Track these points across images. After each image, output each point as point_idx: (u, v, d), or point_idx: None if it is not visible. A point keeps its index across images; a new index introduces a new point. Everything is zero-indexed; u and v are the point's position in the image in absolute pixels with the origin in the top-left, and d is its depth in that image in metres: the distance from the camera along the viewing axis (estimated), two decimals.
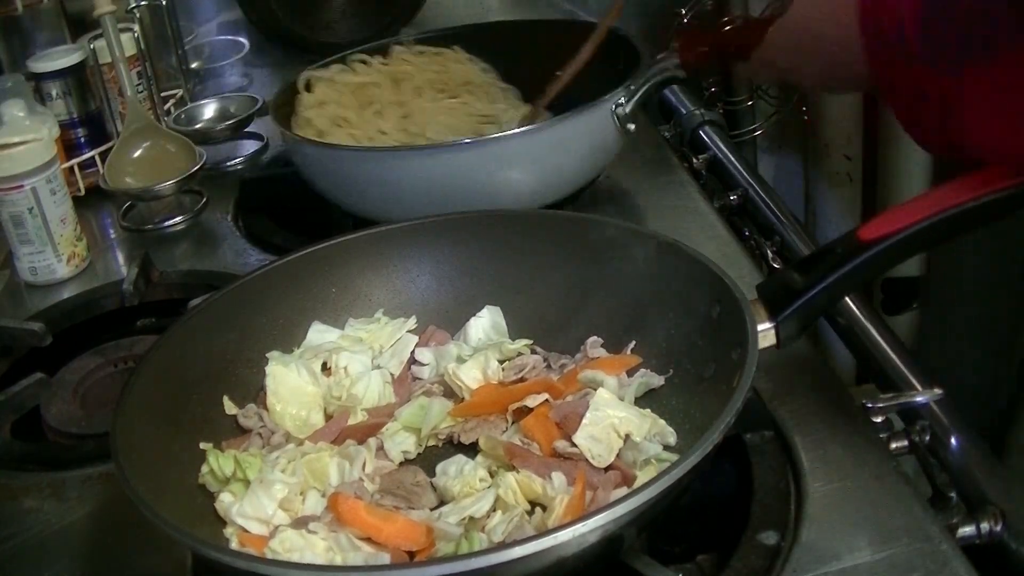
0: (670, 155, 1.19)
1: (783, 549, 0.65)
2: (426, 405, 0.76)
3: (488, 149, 0.96)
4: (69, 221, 1.08)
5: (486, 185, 0.97)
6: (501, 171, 0.97)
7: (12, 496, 0.79)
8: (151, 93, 1.27)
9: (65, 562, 0.72)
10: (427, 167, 0.96)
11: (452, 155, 0.97)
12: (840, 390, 0.79)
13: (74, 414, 0.87)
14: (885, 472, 0.71)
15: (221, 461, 0.70)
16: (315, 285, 0.84)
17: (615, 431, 0.70)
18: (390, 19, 1.55)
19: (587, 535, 0.54)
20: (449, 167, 0.96)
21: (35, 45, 1.26)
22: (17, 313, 1.04)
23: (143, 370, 0.71)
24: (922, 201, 0.67)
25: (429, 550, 0.64)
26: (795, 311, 0.68)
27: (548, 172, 1.00)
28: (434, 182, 0.96)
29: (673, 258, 0.76)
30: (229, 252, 1.11)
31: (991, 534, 0.70)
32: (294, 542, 0.63)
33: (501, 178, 0.97)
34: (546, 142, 0.97)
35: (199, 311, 0.78)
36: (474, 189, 0.96)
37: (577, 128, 0.98)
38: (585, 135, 1.00)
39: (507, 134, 0.98)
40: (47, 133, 1.04)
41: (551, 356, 0.81)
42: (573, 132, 0.98)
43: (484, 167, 0.96)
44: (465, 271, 0.85)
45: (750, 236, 1.12)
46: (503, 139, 0.97)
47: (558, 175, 1.01)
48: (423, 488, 0.70)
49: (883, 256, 0.67)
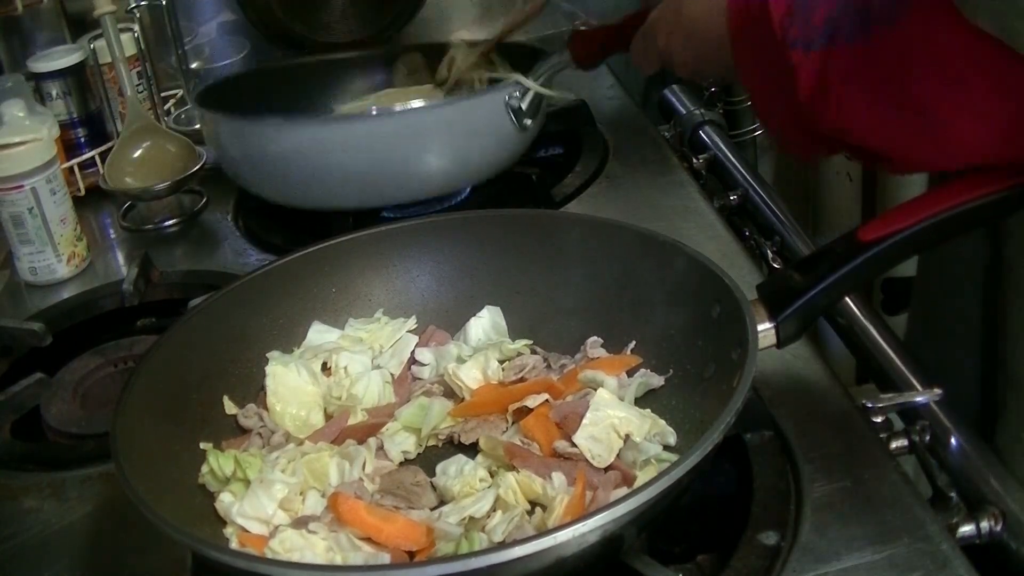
0: (670, 155, 1.19)
1: (783, 549, 0.65)
2: (426, 405, 0.76)
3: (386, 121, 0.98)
4: (69, 221, 1.08)
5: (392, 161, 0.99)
6: (399, 147, 0.98)
7: (12, 496, 0.79)
8: (151, 93, 1.27)
9: (65, 562, 0.72)
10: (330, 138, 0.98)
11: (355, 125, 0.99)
12: (840, 390, 0.79)
13: (74, 414, 0.87)
14: (885, 472, 0.71)
15: (221, 461, 0.70)
16: (315, 285, 0.84)
17: (615, 431, 0.70)
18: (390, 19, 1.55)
19: (587, 535, 0.54)
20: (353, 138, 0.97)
21: (35, 45, 1.26)
22: (17, 313, 1.04)
23: (143, 370, 0.71)
24: (922, 201, 0.67)
25: (429, 550, 0.64)
26: (795, 311, 0.68)
27: (447, 154, 1.01)
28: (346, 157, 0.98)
29: (673, 258, 0.76)
30: (229, 252, 1.11)
31: (991, 534, 0.70)
32: (294, 542, 0.63)
33: (401, 154, 0.99)
34: (440, 121, 0.99)
35: (199, 311, 0.78)
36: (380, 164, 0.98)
37: (470, 113, 1.00)
38: (479, 121, 1.01)
39: (401, 108, 1.00)
40: (47, 133, 1.04)
41: (551, 356, 0.81)
42: (466, 115, 1.00)
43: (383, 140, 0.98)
44: (465, 271, 0.85)
45: (750, 236, 1.12)
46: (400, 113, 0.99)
47: (458, 160, 1.02)
48: (423, 488, 0.70)
49: (883, 256, 0.66)
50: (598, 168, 1.17)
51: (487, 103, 1.00)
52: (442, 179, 1.01)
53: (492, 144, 1.04)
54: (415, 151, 1.00)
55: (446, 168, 1.02)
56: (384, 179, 0.99)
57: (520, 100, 1.00)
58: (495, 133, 1.02)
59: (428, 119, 0.99)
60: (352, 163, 0.98)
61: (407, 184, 1.01)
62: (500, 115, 1.01)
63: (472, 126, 1.01)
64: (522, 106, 1.00)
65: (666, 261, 0.76)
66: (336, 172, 0.99)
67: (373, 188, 1.00)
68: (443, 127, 0.99)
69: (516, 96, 1.00)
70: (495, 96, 1.01)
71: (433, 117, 0.99)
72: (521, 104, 1.00)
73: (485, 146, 1.03)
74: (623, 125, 1.26)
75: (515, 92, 1.01)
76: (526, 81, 1.00)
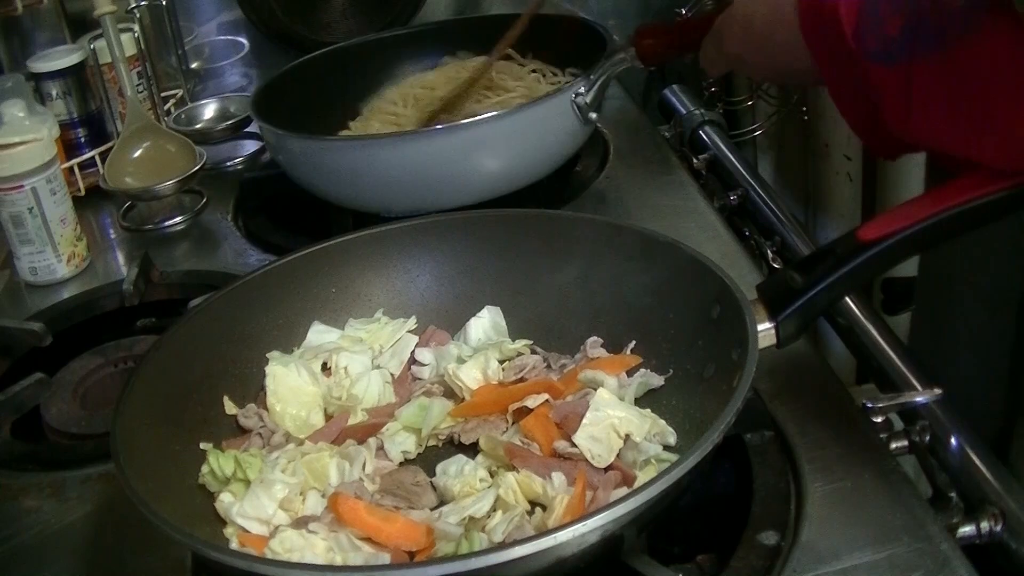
0: (670, 155, 1.19)
1: (783, 549, 0.65)
2: (426, 405, 0.76)
3: (455, 135, 0.99)
4: (69, 221, 1.08)
5: (459, 171, 1.00)
6: (467, 157, 1.00)
7: (12, 496, 0.79)
8: (151, 93, 1.27)
9: (65, 562, 0.72)
10: (400, 155, 0.99)
11: (422, 142, 1.00)
12: (840, 390, 0.79)
13: (74, 414, 0.87)
14: (885, 472, 0.71)
15: (221, 461, 0.70)
16: (315, 285, 0.84)
17: (615, 431, 0.70)
18: (390, 19, 1.55)
19: (587, 535, 0.54)
20: (421, 154, 0.99)
21: (35, 45, 1.26)
22: (17, 313, 1.04)
23: (143, 370, 0.71)
24: (922, 201, 0.67)
25: (429, 550, 0.64)
26: (795, 311, 0.68)
27: (515, 158, 1.03)
28: (406, 170, 0.99)
29: (673, 258, 0.76)
30: (229, 252, 1.11)
31: (991, 534, 0.70)
32: (294, 542, 0.63)
33: (470, 164, 1.01)
34: (510, 130, 1.00)
35: (199, 311, 0.78)
36: (448, 174, 1.00)
37: (538, 116, 1.01)
38: (547, 123, 1.03)
39: (470, 121, 1.00)
40: (47, 133, 1.04)
41: (551, 356, 0.81)
42: (535, 120, 1.01)
43: (451, 153, 0.99)
44: (465, 271, 0.85)
45: (750, 236, 1.12)
46: (468, 126, 1.00)
47: (524, 162, 1.04)
48: (423, 488, 0.70)
49: (883, 256, 0.66)
50: (598, 168, 1.17)
51: (555, 105, 1.02)
52: (507, 179, 1.04)
53: (557, 141, 1.06)
54: (481, 158, 1.01)
55: (512, 169, 1.04)
56: (445, 183, 1.01)
57: (585, 96, 1.02)
58: (560, 131, 1.05)
59: (494, 129, 1.00)
60: (422, 172, 1.00)
61: (474, 187, 1.03)
62: (566, 114, 1.03)
63: (539, 129, 1.03)
64: (587, 101, 1.02)
65: (666, 261, 0.76)
66: (406, 181, 1.01)
67: (439, 194, 1.01)
68: (510, 134, 1.01)
69: (581, 93, 1.02)
70: (562, 98, 1.02)
71: (500, 127, 1.00)
72: (586, 99, 1.02)
73: (551, 144, 1.05)
74: (623, 125, 1.26)
75: (580, 89, 1.02)
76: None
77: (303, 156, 1.06)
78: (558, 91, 1.02)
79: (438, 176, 1.00)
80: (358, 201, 1.06)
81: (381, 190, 1.02)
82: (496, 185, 1.03)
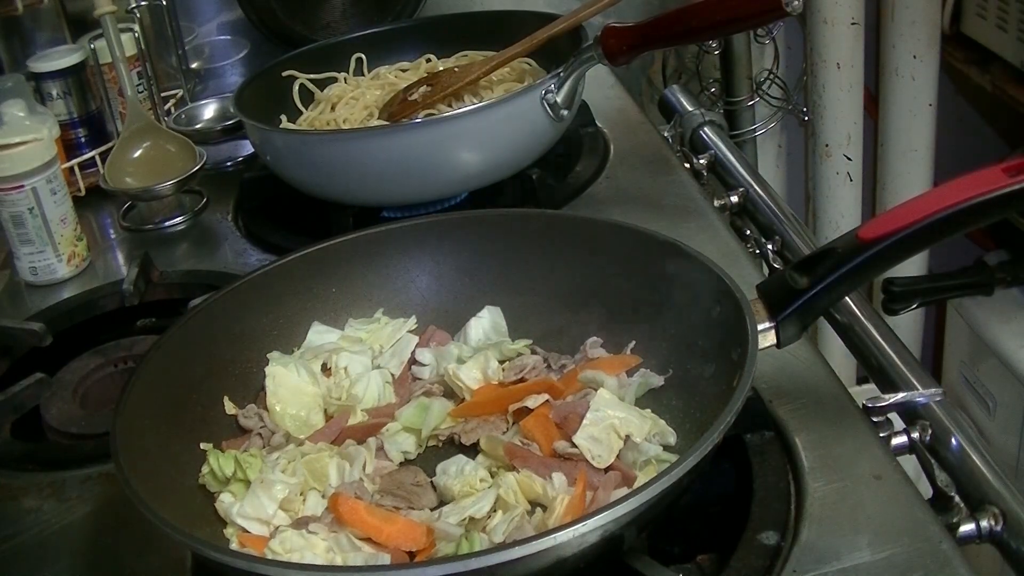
0: (670, 155, 1.19)
1: (783, 549, 0.65)
2: (426, 405, 0.76)
3: (430, 130, 1.02)
4: (69, 221, 1.08)
5: (435, 163, 1.03)
6: (443, 151, 1.02)
7: (12, 496, 0.79)
8: (151, 93, 1.27)
9: (65, 562, 0.72)
10: (378, 147, 1.01)
11: (404, 135, 1.02)
12: (840, 390, 0.79)
13: (74, 414, 0.87)
14: (885, 472, 0.71)
15: (221, 461, 0.70)
16: (315, 285, 0.84)
17: (615, 431, 0.70)
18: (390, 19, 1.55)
19: (587, 535, 0.54)
20: (399, 147, 1.01)
21: (35, 45, 1.26)
22: (17, 313, 1.04)
23: (143, 370, 0.71)
24: (922, 201, 0.67)
25: (429, 550, 0.64)
26: (795, 311, 0.68)
27: (489, 152, 1.05)
28: (391, 162, 1.01)
29: (673, 258, 0.76)
30: (229, 252, 1.11)
31: (991, 534, 0.70)
32: (294, 542, 0.63)
33: (445, 157, 1.03)
34: (481, 125, 1.03)
35: (199, 311, 0.78)
36: (425, 167, 1.02)
37: (508, 113, 1.03)
38: (517, 120, 1.04)
39: (441, 116, 1.04)
40: (47, 133, 1.04)
41: (551, 356, 0.81)
42: (505, 117, 1.03)
43: (428, 147, 1.02)
44: (465, 271, 0.85)
45: (750, 236, 1.12)
46: (440, 121, 1.03)
47: (501, 156, 1.06)
48: (423, 488, 0.70)
49: (883, 256, 0.66)
50: (598, 168, 1.17)
51: (525, 103, 1.04)
52: (485, 172, 1.06)
53: (529, 138, 1.07)
54: (457, 151, 1.03)
55: (488, 162, 1.05)
56: (430, 177, 1.03)
57: (555, 94, 1.03)
58: (532, 128, 1.06)
59: (466, 124, 1.03)
60: (399, 165, 1.01)
61: (452, 179, 1.05)
62: (536, 111, 1.04)
63: (510, 126, 1.05)
64: (557, 100, 1.04)
65: (666, 261, 0.76)
66: (384, 174, 1.02)
67: (416, 186, 1.04)
68: (482, 130, 1.03)
69: (552, 91, 1.03)
70: (532, 95, 1.04)
71: (472, 122, 1.03)
72: (557, 98, 1.04)
73: (521, 140, 1.07)
74: (623, 125, 1.26)
75: (550, 87, 1.04)
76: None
77: (286, 151, 1.07)
78: (527, 89, 1.03)
79: (418, 168, 1.02)
80: (342, 194, 1.07)
81: (362, 182, 1.03)
82: (474, 177, 1.05)
